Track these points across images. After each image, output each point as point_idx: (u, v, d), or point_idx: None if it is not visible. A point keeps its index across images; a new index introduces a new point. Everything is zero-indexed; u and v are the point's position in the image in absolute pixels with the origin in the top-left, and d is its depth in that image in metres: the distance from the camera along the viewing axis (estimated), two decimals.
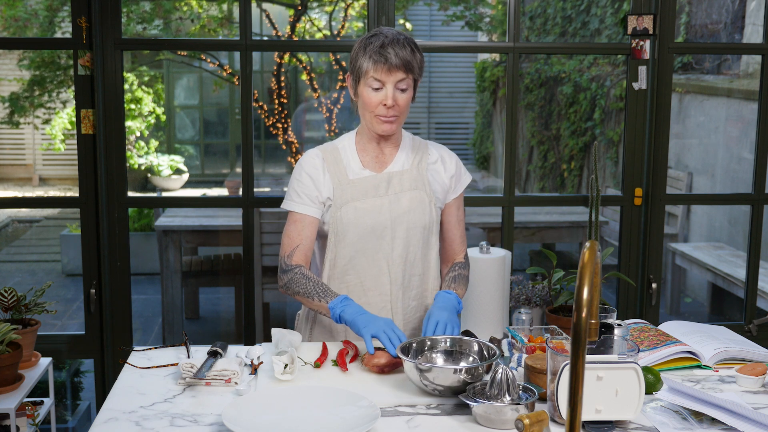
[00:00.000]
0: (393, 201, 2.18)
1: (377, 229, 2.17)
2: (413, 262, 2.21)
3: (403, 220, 2.18)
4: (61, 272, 6.98)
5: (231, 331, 5.44)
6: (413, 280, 2.23)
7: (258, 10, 7.89)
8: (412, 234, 2.19)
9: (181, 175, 10.55)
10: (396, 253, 2.18)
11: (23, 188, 10.93)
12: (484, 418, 1.65)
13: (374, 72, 2.09)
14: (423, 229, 2.21)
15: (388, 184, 2.19)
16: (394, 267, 2.19)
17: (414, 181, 2.21)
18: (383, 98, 2.10)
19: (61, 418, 3.75)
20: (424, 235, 2.22)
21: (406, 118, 2.19)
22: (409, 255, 2.20)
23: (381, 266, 2.19)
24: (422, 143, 2.28)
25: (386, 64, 2.08)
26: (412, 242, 2.20)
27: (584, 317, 1.23)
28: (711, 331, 2.17)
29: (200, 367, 1.85)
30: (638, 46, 3.07)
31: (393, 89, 2.10)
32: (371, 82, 2.10)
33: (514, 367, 1.89)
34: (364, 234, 2.17)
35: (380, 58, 2.08)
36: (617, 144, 7.20)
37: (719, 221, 5.91)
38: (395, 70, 2.08)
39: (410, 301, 2.23)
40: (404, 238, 2.18)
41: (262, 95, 9.79)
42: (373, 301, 2.20)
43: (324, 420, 1.66)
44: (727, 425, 1.65)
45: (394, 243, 2.18)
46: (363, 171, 2.19)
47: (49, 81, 7.57)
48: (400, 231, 2.18)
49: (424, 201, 2.21)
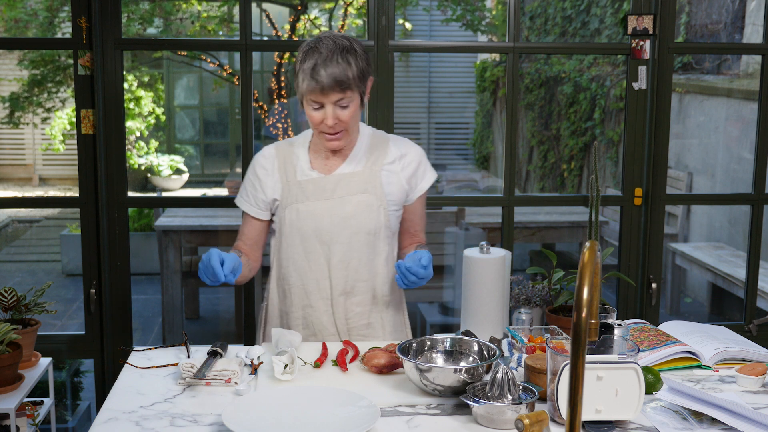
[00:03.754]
0: (337, 205, 2.14)
1: (319, 233, 2.14)
2: (357, 268, 2.17)
3: (346, 225, 2.14)
4: (61, 272, 6.98)
5: (231, 331, 5.44)
6: (358, 286, 2.19)
7: (258, 10, 7.89)
8: (356, 239, 2.15)
9: (181, 175, 10.55)
10: (337, 258, 2.15)
11: (23, 188, 10.93)
12: (484, 418, 1.65)
13: (310, 94, 2.03)
14: (368, 235, 2.16)
15: (335, 187, 2.15)
16: (335, 272, 2.16)
17: (364, 183, 2.16)
18: (323, 117, 2.06)
19: (61, 418, 3.75)
20: (370, 241, 2.17)
21: (357, 126, 2.15)
22: (353, 261, 2.16)
23: (323, 270, 2.16)
24: (382, 140, 2.22)
25: (318, 86, 2.01)
26: (355, 248, 2.16)
27: (584, 317, 1.23)
28: (711, 331, 2.17)
29: (200, 367, 1.85)
30: (638, 46, 3.07)
31: (332, 108, 2.05)
32: (310, 102, 2.06)
33: (514, 367, 1.89)
34: (306, 237, 2.15)
35: (312, 82, 2.01)
36: (617, 144, 7.21)
37: (719, 221, 5.91)
38: (329, 91, 2.01)
39: (354, 307, 2.20)
40: (346, 243, 2.15)
41: (262, 95, 9.79)
42: (315, 305, 2.19)
43: (324, 420, 1.66)
44: (727, 425, 1.65)
45: (334, 248, 2.15)
46: (311, 172, 2.17)
47: (49, 80, 7.57)
48: (342, 236, 2.14)
49: (372, 205, 2.16)
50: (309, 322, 2.21)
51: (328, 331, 2.21)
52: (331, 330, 2.21)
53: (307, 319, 2.21)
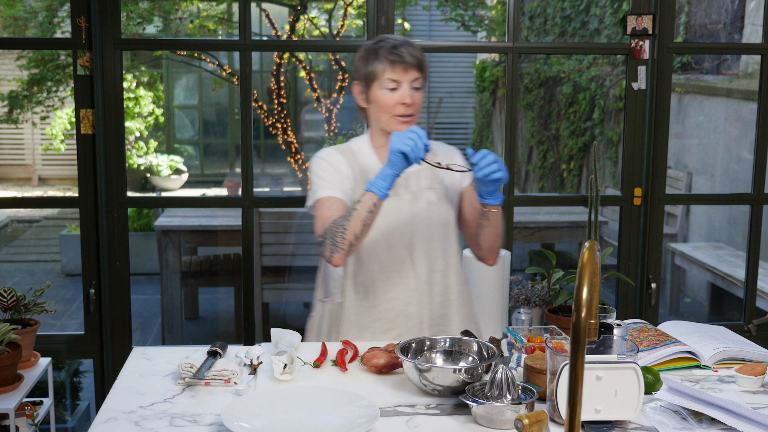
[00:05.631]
0: (412, 200, 2.22)
1: (400, 227, 2.20)
2: (435, 258, 2.24)
3: (423, 218, 2.21)
4: (61, 272, 6.98)
5: (230, 331, 5.44)
6: (436, 276, 2.25)
7: (257, 9, 7.89)
8: (433, 230, 2.22)
9: (181, 175, 10.54)
10: (418, 250, 2.21)
11: (23, 188, 10.93)
12: (483, 418, 1.65)
13: (391, 72, 2.12)
14: (441, 226, 2.24)
15: (406, 183, 2.22)
16: (417, 264, 2.21)
17: (428, 180, 2.24)
18: (400, 97, 2.14)
19: (61, 418, 3.75)
20: (443, 232, 2.24)
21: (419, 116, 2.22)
22: (431, 251, 2.23)
23: (405, 262, 2.21)
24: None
25: (402, 63, 2.12)
26: (433, 238, 2.22)
27: (584, 317, 1.23)
28: (710, 331, 2.17)
29: (200, 367, 1.85)
30: (638, 46, 3.07)
31: (409, 88, 2.14)
32: (386, 84, 2.14)
33: (513, 367, 1.89)
34: (388, 231, 2.20)
35: (396, 58, 2.12)
36: (617, 144, 7.21)
37: (719, 221, 5.91)
38: (411, 68, 2.13)
39: (435, 297, 2.25)
40: (425, 235, 2.21)
41: (261, 95, 9.79)
42: (399, 295, 2.22)
43: (323, 420, 1.66)
44: (727, 425, 1.65)
45: (415, 240, 2.21)
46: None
47: (49, 79, 7.56)
48: (420, 229, 2.21)
49: (441, 198, 2.25)
50: (394, 314, 2.23)
51: (412, 322, 2.24)
52: (414, 321, 2.24)
53: (392, 311, 2.23)
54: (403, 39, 2.18)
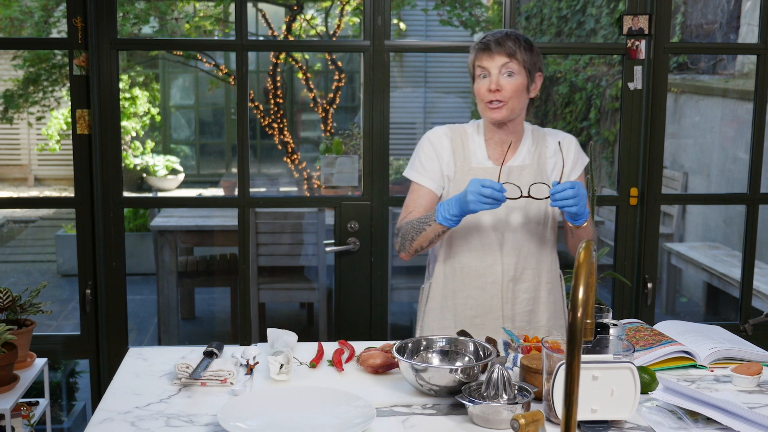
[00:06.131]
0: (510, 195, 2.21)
1: (494, 220, 2.22)
2: (526, 256, 2.25)
3: (519, 215, 2.23)
4: (57, 272, 6.97)
5: (226, 332, 5.43)
6: (526, 274, 2.26)
7: (254, 9, 7.88)
8: (526, 228, 2.24)
9: (177, 176, 10.53)
10: (509, 245, 2.23)
11: (18, 188, 10.90)
12: (480, 418, 1.65)
13: (478, 60, 2.19)
14: (538, 225, 2.25)
15: (507, 178, 2.21)
16: (507, 258, 2.23)
17: (533, 176, 2.24)
18: (488, 84, 2.17)
19: (57, 419, 3.74)
20: (539, 230, 2.26)
21: (519, 106, 2.20)
22: (523, 249, 2.25)
23: (495, 256, 2.23)
24: (541, 134, 2.31)
25: (487, 51, 2.17)
26: (526, 236, 2.24)
27: (580, 317, 1.23)
28: (706, 331, 2.18)
29: (196, 367, 1.85)
30: (634, 46, 3.08)
31: (497, 74, 2.16)
32: (478, 72, 2.20)
33: (509, 366, 1.89)
34: (482, 223, 2.22)
35: (482, 46, 2.18)
36: (613, 144, 7.21)
37: (714, 221, 5.92)
38: (496, 54, 2.16)
39: (521, 294, 2.27)
40: (518, 231, 2.23)
41: (258, 95, 9.78)
42: (485, 287, 2.24)
43: (319, 420, 1.66)
44: (723, 425, 1.65)
45: (507, 236, 2.23)
46: (486, 161, 2.24)
47: (45, 78, 7.55)
48: (514, 225, 2.23)
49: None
50: (477, 303, 2.26)
51: (494, 315, 2.26)
52: (497, 314, 2.26)
53: (476, 300, 2.26)
54: (502, 30, 2.22)
